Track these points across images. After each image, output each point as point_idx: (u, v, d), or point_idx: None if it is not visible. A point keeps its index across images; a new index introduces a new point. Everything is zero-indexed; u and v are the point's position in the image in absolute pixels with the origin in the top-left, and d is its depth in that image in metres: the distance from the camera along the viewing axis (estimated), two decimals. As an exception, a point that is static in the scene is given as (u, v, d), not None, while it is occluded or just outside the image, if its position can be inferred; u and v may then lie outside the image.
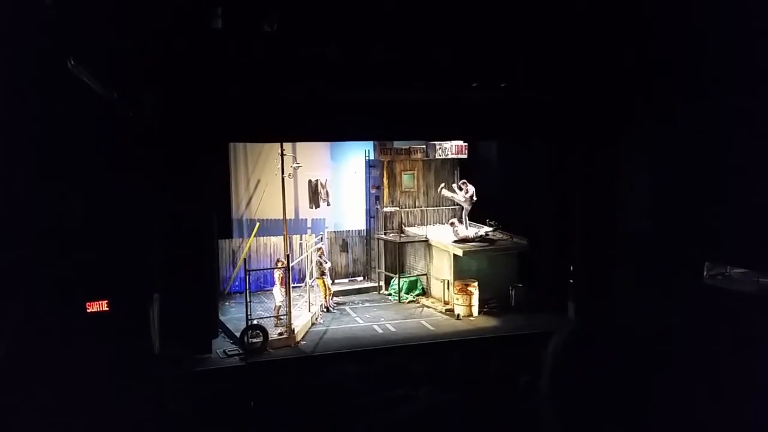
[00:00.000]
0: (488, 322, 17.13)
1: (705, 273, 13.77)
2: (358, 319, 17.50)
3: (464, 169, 21.17)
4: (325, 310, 17.99)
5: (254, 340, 14.50)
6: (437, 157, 20.56)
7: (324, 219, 20.73)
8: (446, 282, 18.37)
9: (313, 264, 18.01)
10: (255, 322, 14.89)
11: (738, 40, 12.42)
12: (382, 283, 20.50)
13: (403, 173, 20.71)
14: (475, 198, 18.94)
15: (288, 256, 16.04)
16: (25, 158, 11.74)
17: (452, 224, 18.67)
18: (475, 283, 17.61)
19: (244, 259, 17.59)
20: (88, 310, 12.34)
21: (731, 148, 12.87)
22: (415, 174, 20.88)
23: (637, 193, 15.58)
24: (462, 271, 18.19)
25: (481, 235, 18.54)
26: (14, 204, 11.69)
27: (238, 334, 14.79)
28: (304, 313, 16.71)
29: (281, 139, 16.44)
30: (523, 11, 13.37)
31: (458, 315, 17.40)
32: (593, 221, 16.65)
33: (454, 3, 12.89)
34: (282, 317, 15.59)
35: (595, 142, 16.53)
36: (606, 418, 2.36)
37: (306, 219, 20.62)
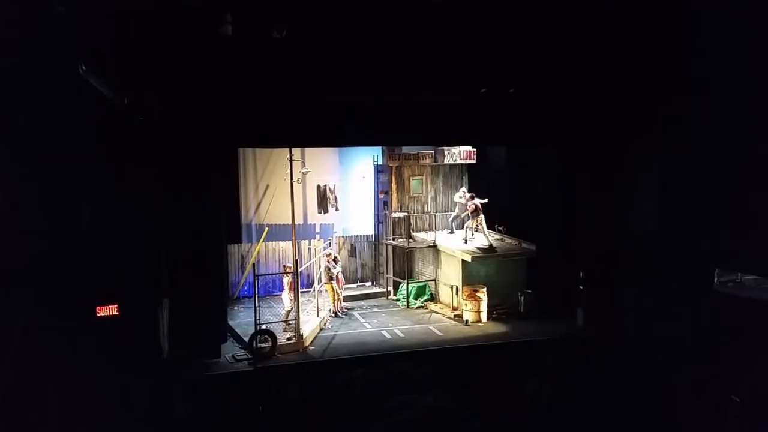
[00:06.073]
0: (497, 328, 17.06)
1: (716, 279, 13.67)
2: (366, 324, 17.48)
3: (472, 175, 21.17)
4: (333, 315, 18.01)
5: (263, 345, 14.51)
6: (445, 162, 20.57)
7: (332, 224, 20.77)
8: (455, 287, 18.34)
9: (322, 269, 18.04)
10: (264, 326, 14.91)
11: (748, 41, 12.36)
12: (390, 288, 20.48)
13: (411, 178, 20.73)
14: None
15: (296, 261, 16.06)
16: (36, 163, 11.85)
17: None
18: (484, 289, 17.56)
19: (253, 264, 17.61)
20: (98, 315, 12.42)
21: (742, 152, 12.79)
22: (424, 179, 20.90)
23: (646, 198, 15.51)
24: (471, 276, 18.15)
25: (485, 247, 18.46)
26: (24, 209, 11.79)
27: (246, 339, 14.80)
28: (313, 318, 16.72)
29: (290, 144, 16.48)
30: (531, 16, 13.36)
31: (467, 321, 17.35)
32: (602, 227, 16.59)
33: (463, 8, 12.89)
34: (291, 322, 15.60)
35: (604, 147, 16.48)
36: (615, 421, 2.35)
37: (314, 224, 20.66)
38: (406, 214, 20.45)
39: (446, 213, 20.94)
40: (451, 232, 20.14)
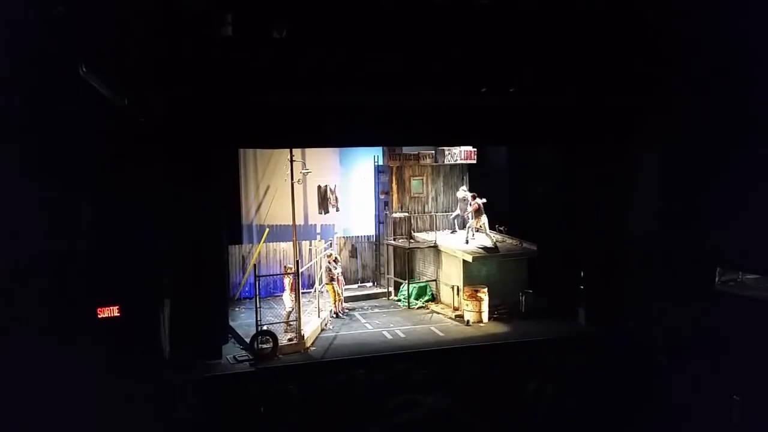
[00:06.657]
0: (498, 328, 17.06)
1: (717, 279, 13.66)
2: (367, 325, 17.48)
3: (473, 175, 21.17)
4: (334, 315, 18.00)
5: (264, 346, 14.51)
6: (446, 162, 20.57)
7: (333, 225, 20.77)
8: (456, 288, 18.33)
9: (323, 270, 18.04)
10: (265, 327, 14.91)
11: (748, 41, 12.36)
12: (391, 288, 20.48)
13: (412, 179, 20.74)
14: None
15: (297, 261, 16.06)
16: (36, 163, 11.85)
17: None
18: (485, 289, 17.55)
19: (254, 265, 17.61)
20: (100, 316, 12.42)
21: (744, 151, 12.79)
22: (424, 179, 20.91)
23: (647, 198, 15.50)
24: (472, 276, 18.14)
25: (488, 247, 18.46)
26: (25, 210, 11.79)
27: (248, 340, 14.80)
28: (314, 318, 16.72)
29: (291, 144, 16.49)
30: (531, 16, 13.35)
31: (468, 321, 17.35)
32: (603, 227, 16.58)
33: (463, 8, 12.88)
34: (292, 323, 15.60)
35: (604, 147, 16.48)
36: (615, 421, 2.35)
37: (315, 225, 20.66)
38: (406, 214, 20.44)
39: (447, 213, 20.94)
40: (453, 231, 20.13)
